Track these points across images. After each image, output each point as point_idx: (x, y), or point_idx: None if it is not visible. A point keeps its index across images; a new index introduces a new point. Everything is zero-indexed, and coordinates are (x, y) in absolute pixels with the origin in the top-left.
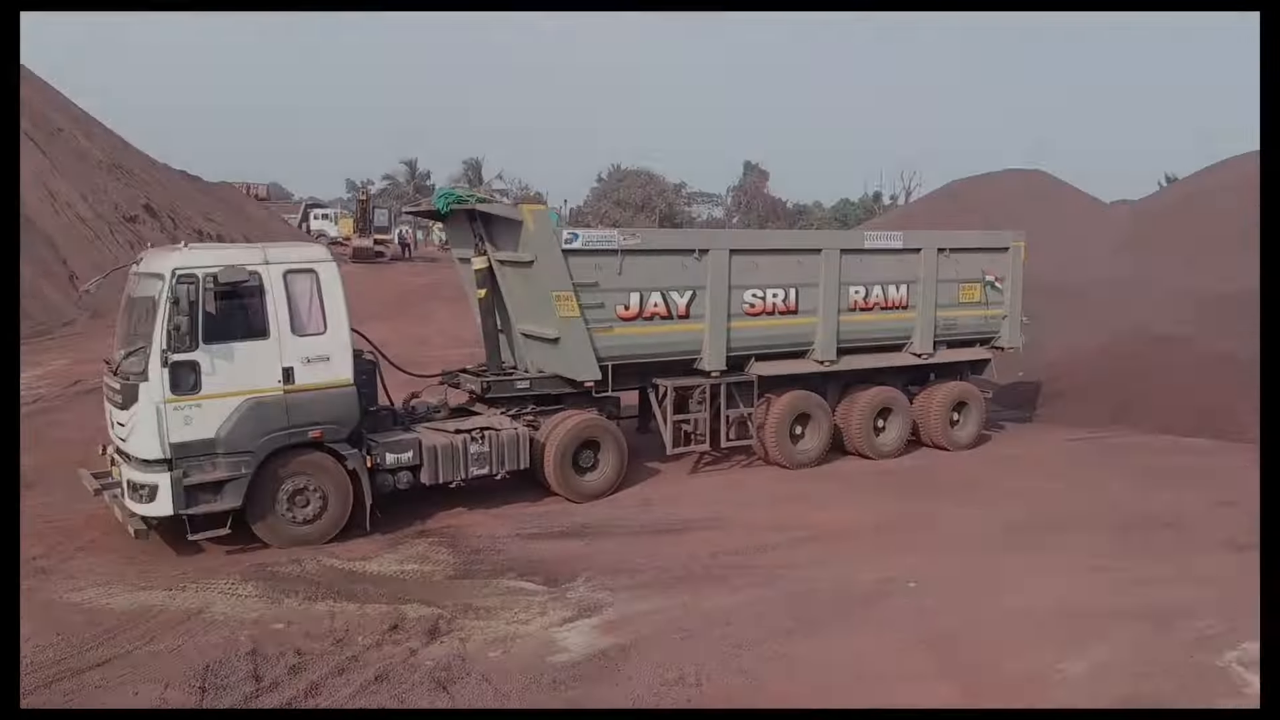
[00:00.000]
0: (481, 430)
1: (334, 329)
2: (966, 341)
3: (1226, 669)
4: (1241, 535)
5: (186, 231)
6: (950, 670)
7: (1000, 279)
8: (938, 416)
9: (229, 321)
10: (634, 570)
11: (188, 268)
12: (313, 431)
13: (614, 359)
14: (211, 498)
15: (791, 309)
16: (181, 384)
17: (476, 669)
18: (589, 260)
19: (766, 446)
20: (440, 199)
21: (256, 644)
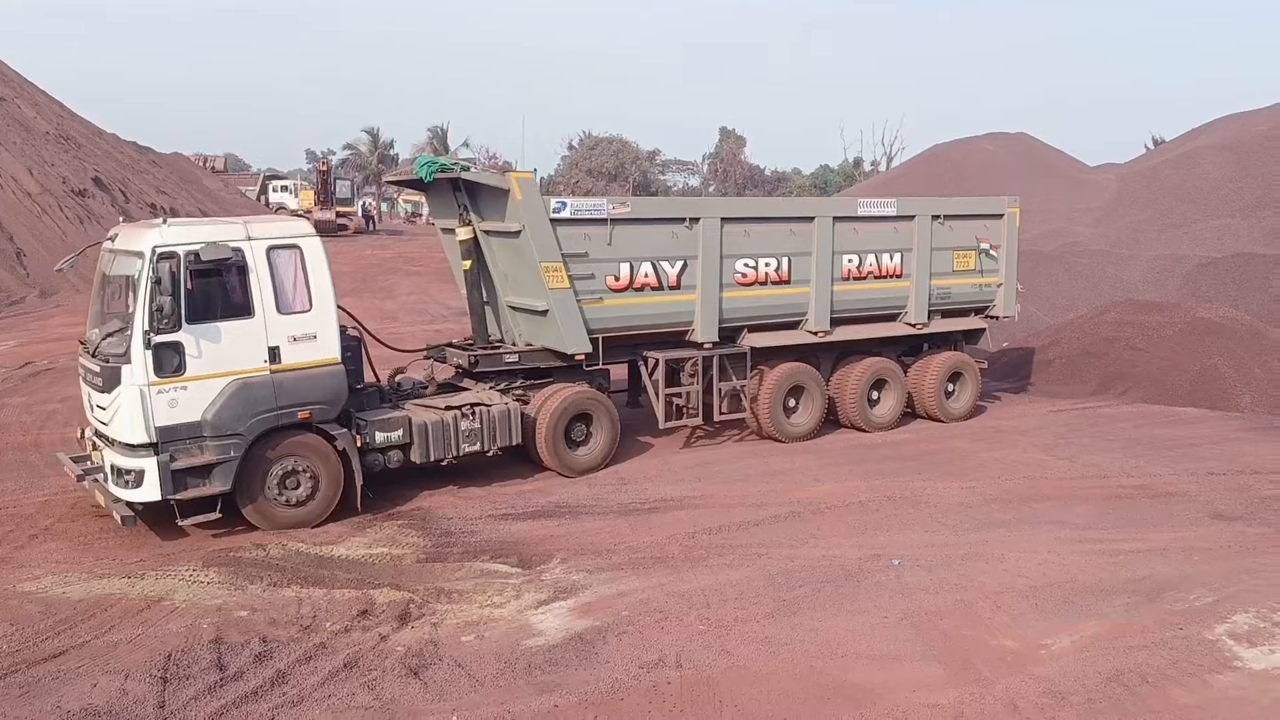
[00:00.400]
0: (472, 406)
1: (320, 306)
2: (961, 311)
3: (1217, 642)
4: (1230, 506)
5: (138, 205)
6: (935, 648)
7: (995, 246)
8: (932, 387)
9: (212, 300)
10: (611, 551)
11: (168, 245)
12: (301, 412)
13: (604, 331)
14: (200, 482)
15: (784, 279)
16: (165, 366)
17: (449, 654)
18: (578, 230)
19: (760, 420)
20: (422, 167)
21: (220, 632)
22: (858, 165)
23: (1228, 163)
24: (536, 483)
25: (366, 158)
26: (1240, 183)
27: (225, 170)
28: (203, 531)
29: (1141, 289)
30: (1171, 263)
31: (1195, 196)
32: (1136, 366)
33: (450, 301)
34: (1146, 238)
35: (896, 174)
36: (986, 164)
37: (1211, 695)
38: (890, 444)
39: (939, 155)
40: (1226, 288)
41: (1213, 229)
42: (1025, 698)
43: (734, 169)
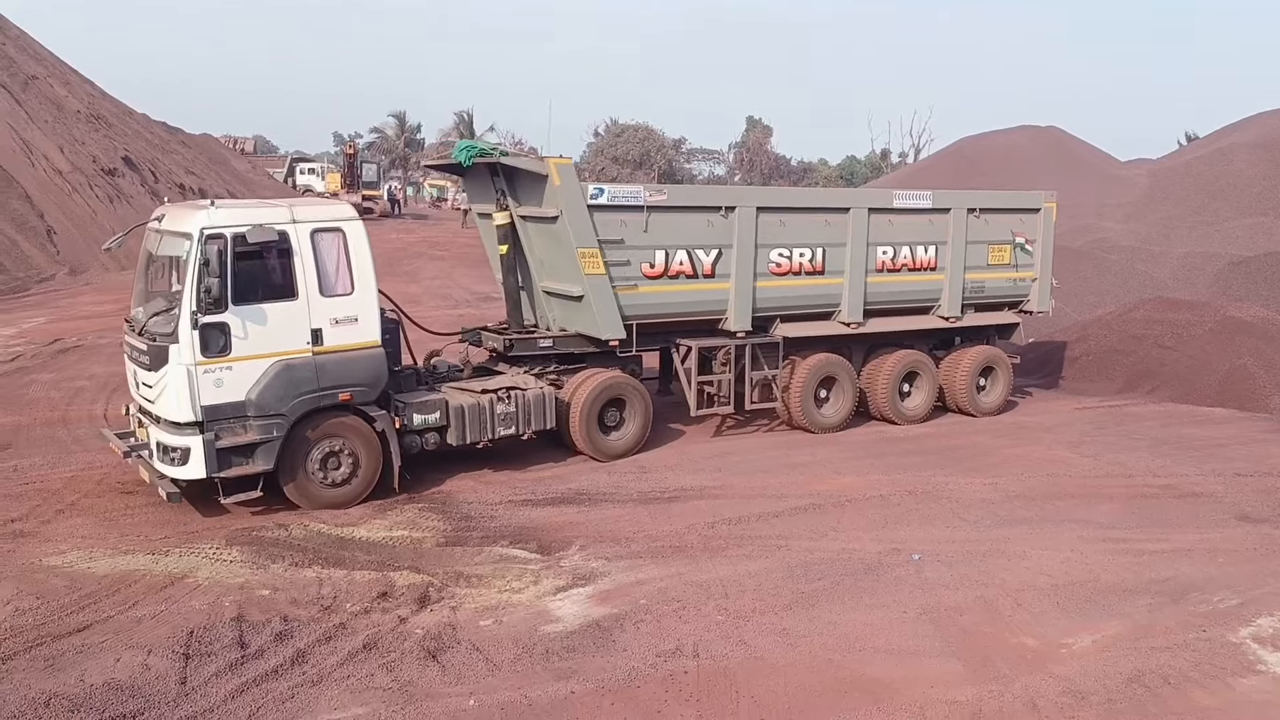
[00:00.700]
0: (508, 390)
1: (361, 289)
2: (994, 305)
3: (1241, 645)
4: (1257, 508)
5: (167, 185)
6: (954, 645)
7: (1030, 241)
8: (964, 381)
9: (257, 282)
10: (630, 539)
11: (216, 227)
12: (342, 394)
13: (638, 318)
14: (243, 460)
15: (818, 269)
16: (211, 346)
17: (467, 638)
18: (614, 216)
19: (790, 410)
20: (461, 151)
21: (242, 610)
22: (885, 157)
23: (1261, 160)
24: (556, 469)
25: (393, 141)
26: (1274, 180)
27: (254, 152)
28: (230, 510)
29: (1171, 286)
30: (1202, 260)
31: (1228, 194)
32: (1164, 365)
33: (474, 286)
34: (1177, 235)
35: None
36: (1016, 157)
37: (1234, 698)
38: (912, 438)
39: (968, 148)
40: (1258, 287)
41: (1245, 227)
42: (1045, 696)
43: (760, 158)
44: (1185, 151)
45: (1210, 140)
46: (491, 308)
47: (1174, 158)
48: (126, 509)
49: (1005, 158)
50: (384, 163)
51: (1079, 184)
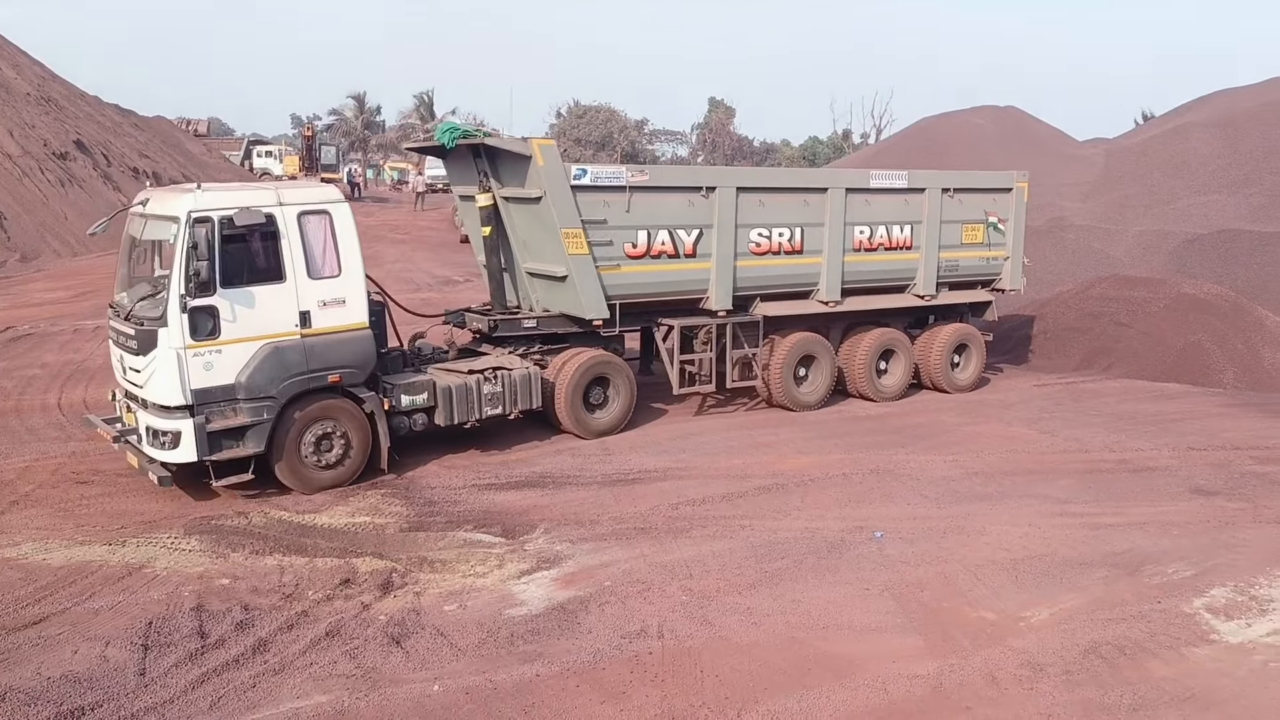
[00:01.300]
0: (494, 370)
1: (349, 271)
2: (968, 283)
3: (1195, 615)
4: (1210, 481)
5: (120, 169)
6: (916, 620)
7: (1003, 220)
8: (939, 358)
9: (245, 265)
10: (594, 521)
11: (203, 210)
12: (331, 375)
13: (621, 297)
14: (234, 443)
15: (797, 249)
16: (200, 329)
17: (431, 623)
18: (597, 197)
19: (770, 388)
20: (444, 133)
21: (201, 600)
22: (847, 137)
23: (1216, 139)
24: (520, 452)
25: (352, 124)
26: (1228, 159)
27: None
28: (189, 499)
29: (1127, 264)
30: (1158, 238)
31: (1183, 172)
32: (1121, 342)
33: (435, 270)
34: (1134, 213)
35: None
36: (976, 137)
37: (1188, 668)
38: (874, 417)
39: (929, 128)
40: (1212, 264)
41: (1200, 205)
42: (1003, 669)
43: (722, 140)
44: (1141, 131)
45: (1166, 120)
46: (452, 291)
47: (1130, 137)
48: (82, 499)
49: (965, 138)
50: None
51: (1038, 163)
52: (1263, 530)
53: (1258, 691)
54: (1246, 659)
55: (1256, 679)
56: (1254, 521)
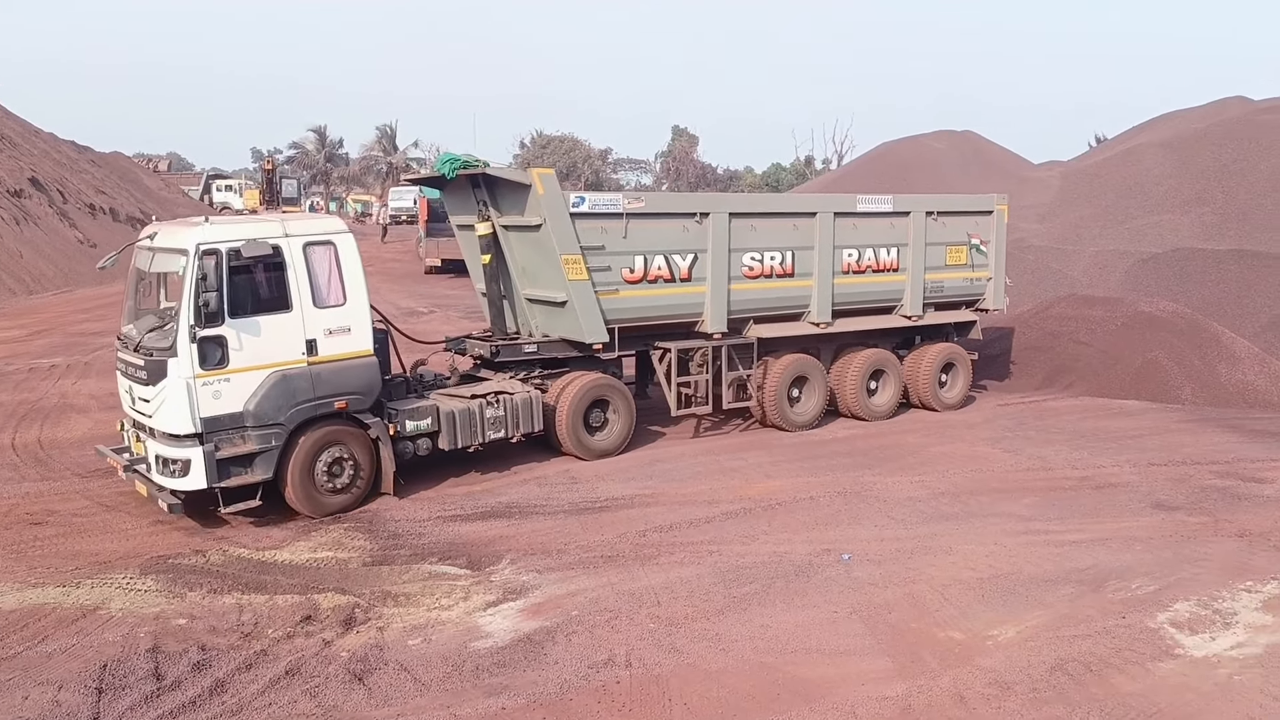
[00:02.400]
0: (496, 394)
1: (353, 300)
2: (953, 304)
3: (1159, 630)
4: (1171, 496)
5: (76, 205)
6: (884, 642)
7: (985, 241)
8: (927, 377)
9: (252, 296)
10: (561, 550)
11: (211, 242)
12: (338, 402)
13: (620, 321)
14: (243, 470)
15: (788, 272)
16: (209, 359)
17: (395, 658)
18: (595, 224)
19: (765, 409)
20: (445, 164)
21: (157, 641)
22: (809, 163)
23: (1168, 160)
24: (487, 483)
25: (314, 156)
26: (1180, 179)
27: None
28: (143, 538)
29: (1085, 284)
30: (1114, 258)
31: (1136, 193)
32: (1080, 360)
33: (400, 302)
34: (1089, 233)
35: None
36: (934, 161)
37: (1153, 683)
38: (840, 439)
39: (888, 153)
40: (1167, 282)
41: (1153, 224)
42: (971, 688)
43: (686, 168)
44: (1095, 153)
45: (1119, 141)
46: (419, 322)
47: (1085, 159)
48: (36, 540)
49: (925, 162)
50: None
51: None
52: (1223, 544)
53: (1223, 705)
54: (1211, 672)
55: (1221, 692)
56: (1215, 535)
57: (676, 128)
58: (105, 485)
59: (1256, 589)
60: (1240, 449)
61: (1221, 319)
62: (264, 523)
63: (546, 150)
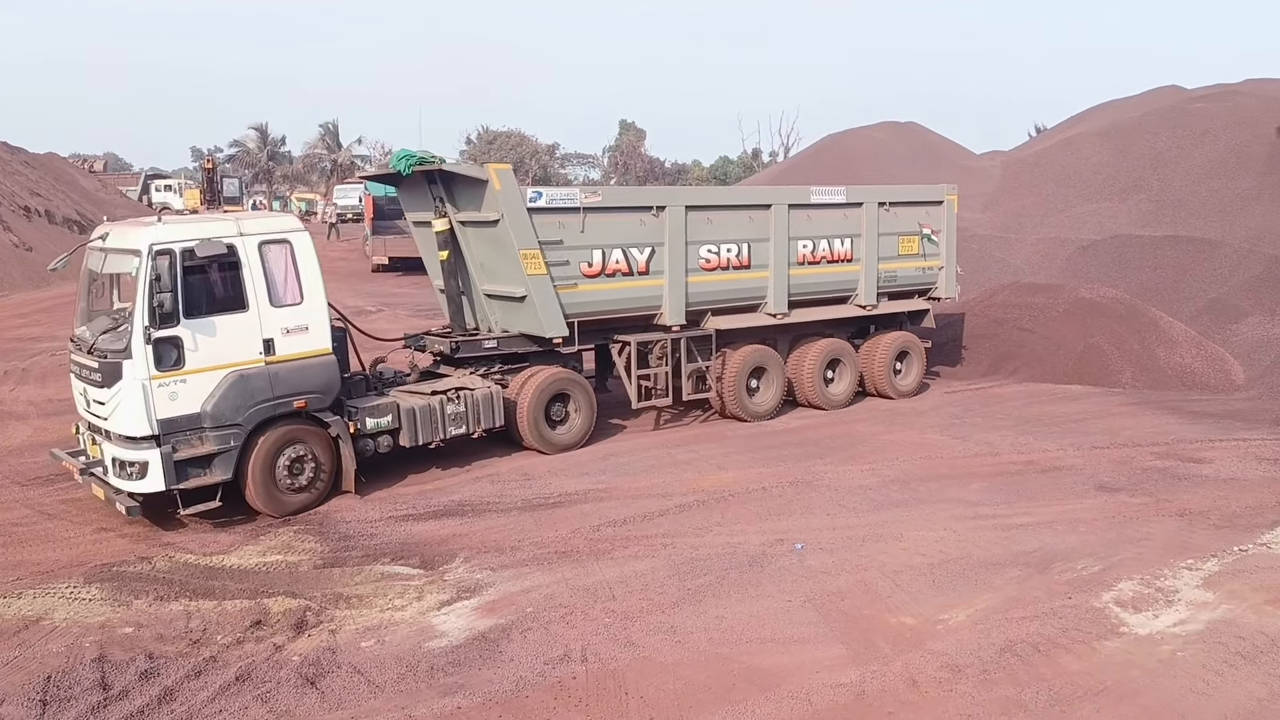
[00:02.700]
0: (457, 390)
1: (311, 298)
2: (906, 293)
3: (1104, 609)
4: (1114, 478)
5: (10, 208)
6: (837, 629)
7: (936, 231)
8: (882, 366)
9: (208, 295)
10: (515, 547)
11: (164, 242)
12: (297, 401)
13: (579, 315)
14: (201, 471)
15: (745, 264)
16: (165, 360)
17: (347, 661)
18: (553, 218)
19: (724, 400)
20: (401, 160)
21: (103, 650)
22: (756, 156)
23: (1105, 148)
24: (439, 481)
25: (255, 154)
26: (1117, 167)
27: (105, 170)
28: (89, 546)
29: (1027, 272)
30: (1054, 245)
31: (1075, 181)
32: (1024, 347)
33: (348, 300)
34: (1031, 222)
35: (794, 163)
36: (879, 152)
37: (1100, 661)
38: (792, 430)
39: (834, 145)
40: (1106, 268)
41: (1092, 212)
42: (924, 672)
43: (634, 162)
44: (1035, 142)
45: (1058, 131)
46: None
47: (1025, 149)
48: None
49: (869, 153)
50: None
51: (938, 176)
52: (1164, 523)
53: (1167, 681)
54: (1155, 650)
55: (1165, 668)
56: (1156, 515)
57: (624, 122)
58: (46, 493)
59: (1197, 567)
60: (1179, 430)
61: (1159, 303)
62: (211, 528)
63: (493, 146)
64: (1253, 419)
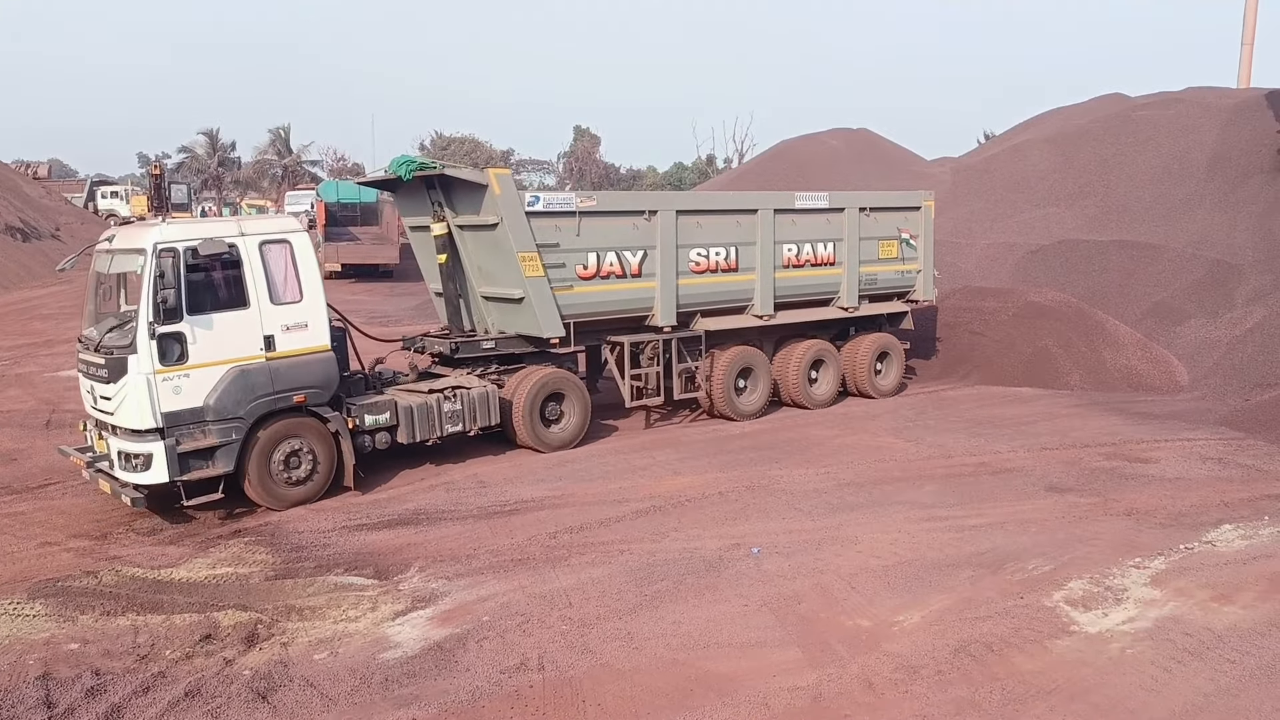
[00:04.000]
0: (453, 389)
1: (310, 296)
2: (886, 295)
3: (1055, 608)
4: (1063, 479)
5: None
6: (794, 633)
7: (914, 235)
8: (863, 366)
9: (210, 293)
10: (471, 556)
11: (169, 241)
12: (296, 396)
13: (575, 317)
14: (204, 464)
15: (732, 267)
16: (169, 355)
17: (300, 674)
18: (550, 222)
19: (713, 399)
20: (401, 165)
21: (48, 667)
22: (710, 162)
23: (1052, 154)
24: (392, 490)
25: (204, 161)
26: (1064, 173)
27: (49, 177)
28: (30, 560)
29: (977, 276)
30: (1003, 250)
31: (1023, 187)
32: (976, 350)
33: None
34: (981, 227)
35: (749, 169)
36: (831, 158)
37: (1052, 660)
38: (748, 435)
39: (787, 151)
40: (1054, 272)
41: (1040, 217)
42: (879, 674)
43: (589, 168)
44: (984, 149)
45: (1006, 138)
46: None
47: (974, 155)
48: None
49: (822, 159)
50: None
51: (890, 182)
52: (1113, 522)
53: (1117, 678)
54: (1105, 647)
55: (1115, 666)
56: (1104, 514)
57: (578, 128)
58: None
59: (1145, 565)
60: (1126, 431)
61: (1105, 307)
62: (159, 540)
63: (448, 152)
64: (1196, 419)
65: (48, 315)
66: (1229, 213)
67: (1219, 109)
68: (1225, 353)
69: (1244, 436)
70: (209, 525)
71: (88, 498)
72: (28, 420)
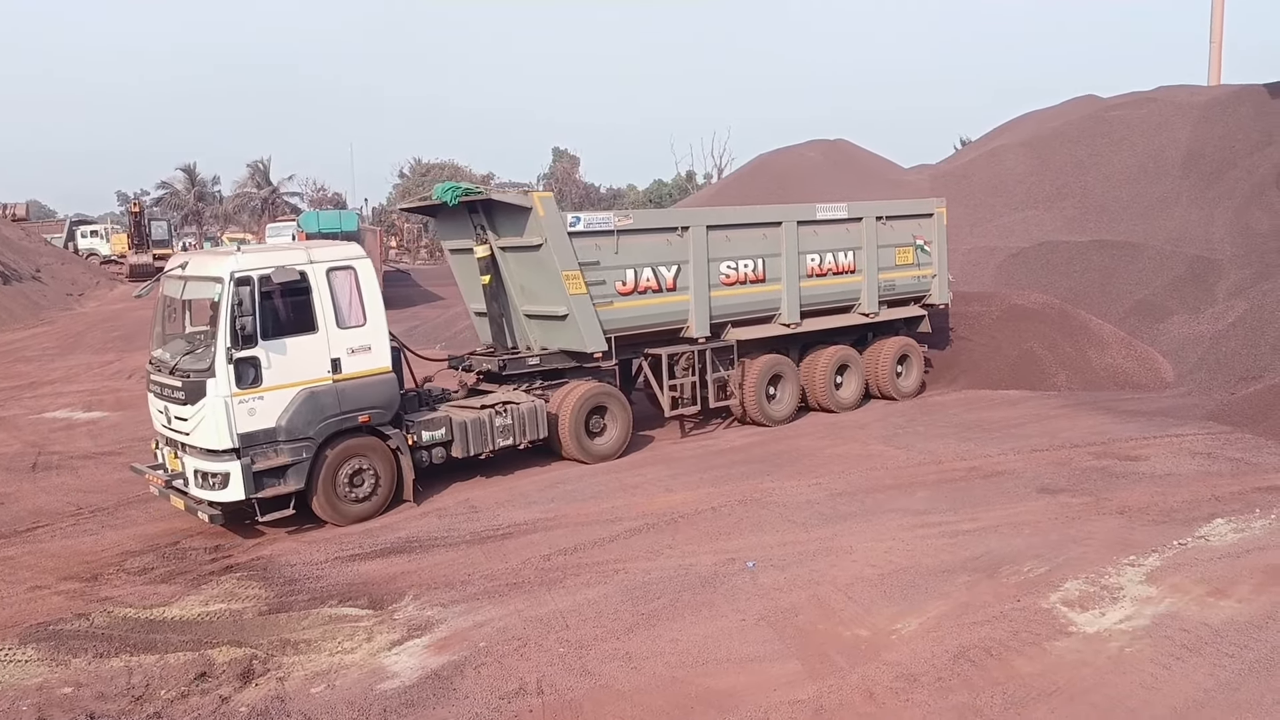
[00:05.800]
0: (504, 404)
1: (373, 320)
2: (903, 300)
3: (1052, 610)
4: (1054, 480)
5: None
6: (792, 645)
7: (928, 242)
8: (885, 370)
9: (282, 319)
10: (465, 582)
11: (244, 270)
12: (361, 416)
13: (616, 331)
14: (276, 481)
15: (760, 278)
16: (244, 378)
17: (298, 709)
18: (590, 241)
19: (746, 406)
20: (447, 192)
21: (42, 712)
22: (690, 178)
23: (1028, 158)
24: (384, 519)
25: (184, 196)
26: (1040, 176)
27: (27, 218)
28: (19, 605)
29: (960, 281)
30: (985, 254)
31: (1001, 191)
32: (962, 355)
33: None
34: (961, 232)
35: (729, 183)
36: (811, 170)
37: (1051, 662)
38: (738, 448)
39: (766, 164)
40: (1036, 274)
41: (1019, 220)
42: (880, 683)
43: (569, 188)
44: (961, 155)
45: (982, 143)
46: None
47: (951, 161)
48: None
49: (801, 171)
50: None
51: (870, 192)
52: (1105, 521)
53: (1116, 677)
54: (1104, 647)
55: (1114, 665)
56: (1097, 514)
57: (557, 149)
58: None
59: (1139, 562)
60: (1114, 429)
61: (1088, 306)
62: (151, 579)
63: (427, 178)
64: (1183, 415)
65: (30, 358)
66: (1206, 208)
67: (1191, 106)
68: (1209, 347)
69: (1231, 430)
70: (200, 562)
71: (77, 540)
72: (14, 464)
